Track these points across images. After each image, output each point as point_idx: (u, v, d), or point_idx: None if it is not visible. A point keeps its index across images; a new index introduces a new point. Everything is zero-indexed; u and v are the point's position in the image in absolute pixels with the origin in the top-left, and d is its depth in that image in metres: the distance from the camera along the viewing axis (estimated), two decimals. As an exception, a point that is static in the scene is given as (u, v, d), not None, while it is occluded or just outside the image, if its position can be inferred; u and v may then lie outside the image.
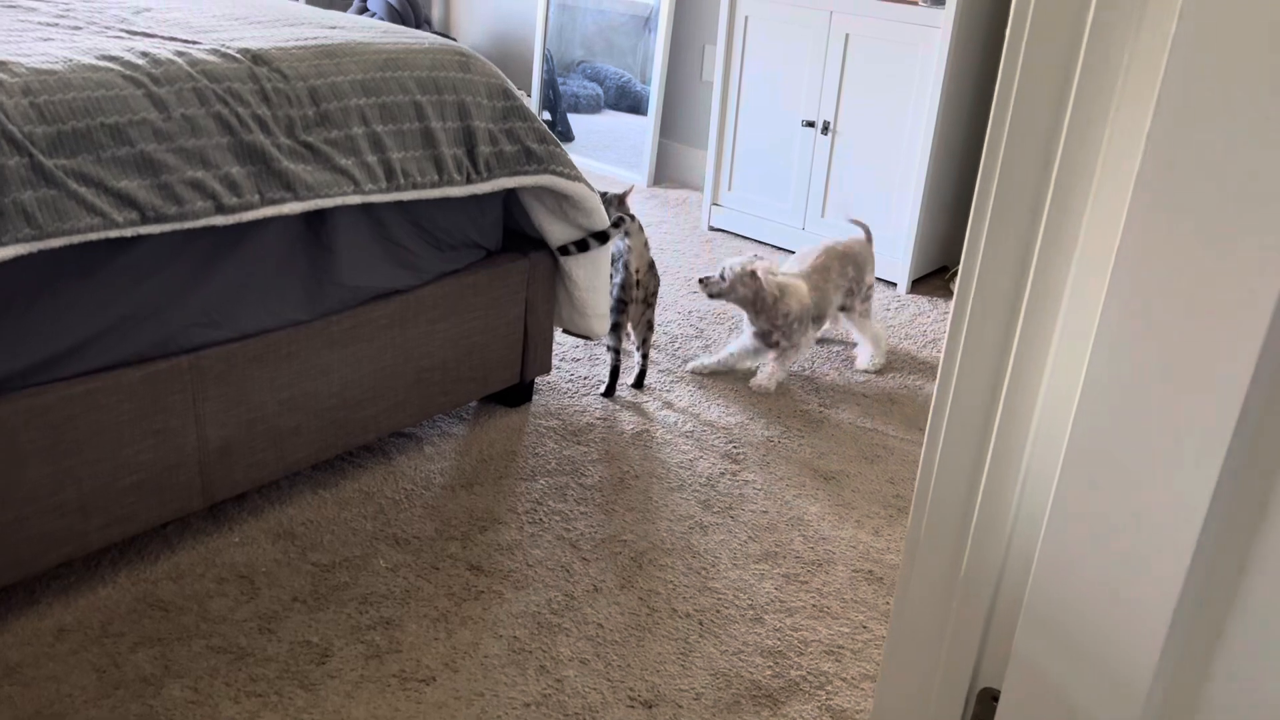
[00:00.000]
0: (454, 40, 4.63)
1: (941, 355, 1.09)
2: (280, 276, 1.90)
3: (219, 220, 1.72)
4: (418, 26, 4.43)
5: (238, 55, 1.82)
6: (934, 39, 3.10)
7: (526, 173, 2.15)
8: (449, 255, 2.17)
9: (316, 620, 1.80)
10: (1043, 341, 0.98)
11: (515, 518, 2.12)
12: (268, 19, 2.18)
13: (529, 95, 4.68)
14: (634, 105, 4.44)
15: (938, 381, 1.05)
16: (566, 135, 4.72)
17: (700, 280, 2.71)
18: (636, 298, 2.56)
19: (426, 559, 1.98)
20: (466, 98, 2.07)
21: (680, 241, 3.76)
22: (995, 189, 1.01)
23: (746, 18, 3.56)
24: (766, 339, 2.72)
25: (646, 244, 2.58)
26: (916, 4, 3.14)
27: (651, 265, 2.60)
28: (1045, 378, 1.00)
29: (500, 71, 2.18)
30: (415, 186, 1.99)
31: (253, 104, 1.77)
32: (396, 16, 4.37)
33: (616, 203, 2.53)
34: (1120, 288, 0.89)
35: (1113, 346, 0.93)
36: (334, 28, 2.12)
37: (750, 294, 2.66)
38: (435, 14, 5.02)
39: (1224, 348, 0.87)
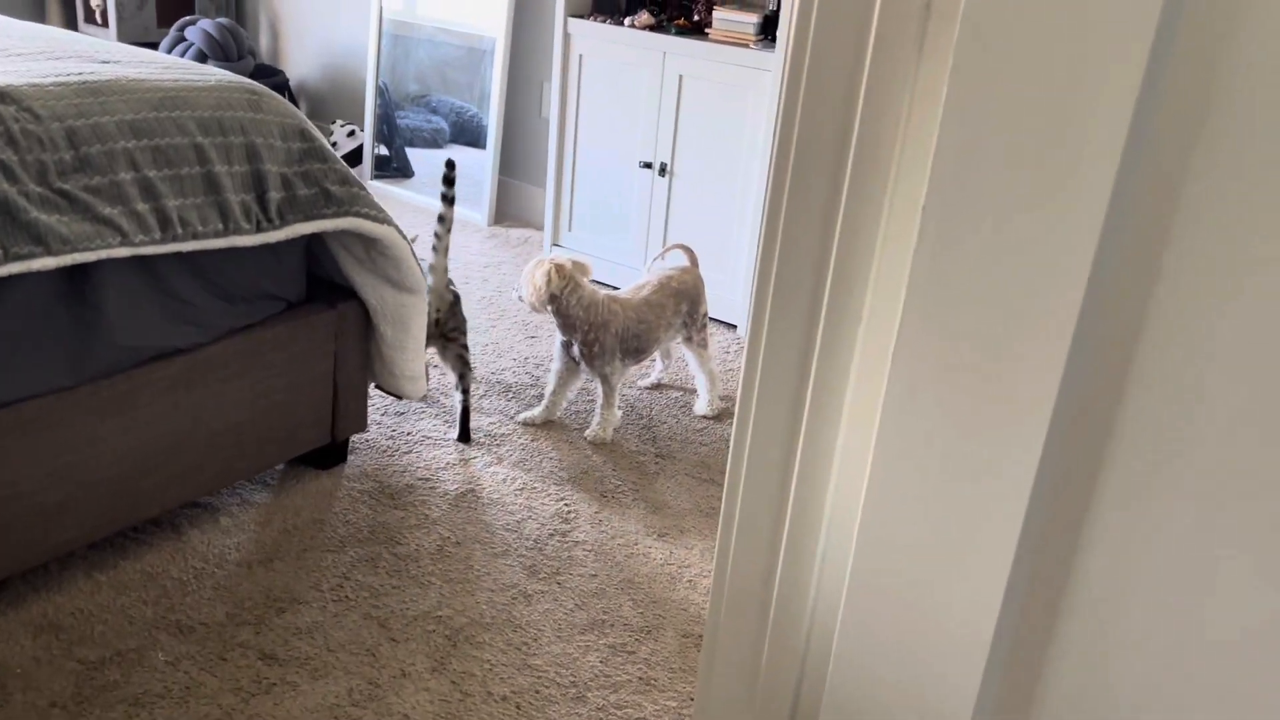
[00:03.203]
0: (280, 71, 4.41)
1: (730, 453, 1.00)
2: (37, 339, 1.69)
3: (-48, 279, 1.51)
4: (240, 59, 4.20)
5: (-21, 92, 1.62)
6: (765, 81, 3.09)
7: (325, 216, 1.99)
8: (241, 309, 1.99)
9: (76, 730, 1.59)
10: (828, 436, 0.90)
11: (318, 595, 1.94)
12: (31, 51, 1.97)
13: (362, 130, 4.49)
14: (476, 139, 4.30)
15: (725, 489, 0.96)
16: (405, 171, 4.55)
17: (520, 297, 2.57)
18: (433, 333, 2.44)
19: (213, 649, 1.78)
20: (256, 139, 1.91)
21: (519, 283, 3.64)
22: (775, 270, 0.93)
23: (581, 56, 3.49)
24: (569, 350, 2.60)
25: (450, 284, 2.46)
26: (748, 46, 3.13)
27: (453, 304, 2.46)
28: (833, 474, 0.92)
29: (297, 110, 2.02)
30: (196, 236, 1.81)
31: (-5, 147, 1.57)
32: (217, 48, 4.13)
33: None
34: (899, 380, 0.82)
35: (895, 433, 0.85)
36: (106, 62, 1.93)
37: (545, 286, 2.48)
38: (263, 44, 4.79)
39: (1011, 431, 0.80)
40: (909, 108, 0.82)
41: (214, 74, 1.99)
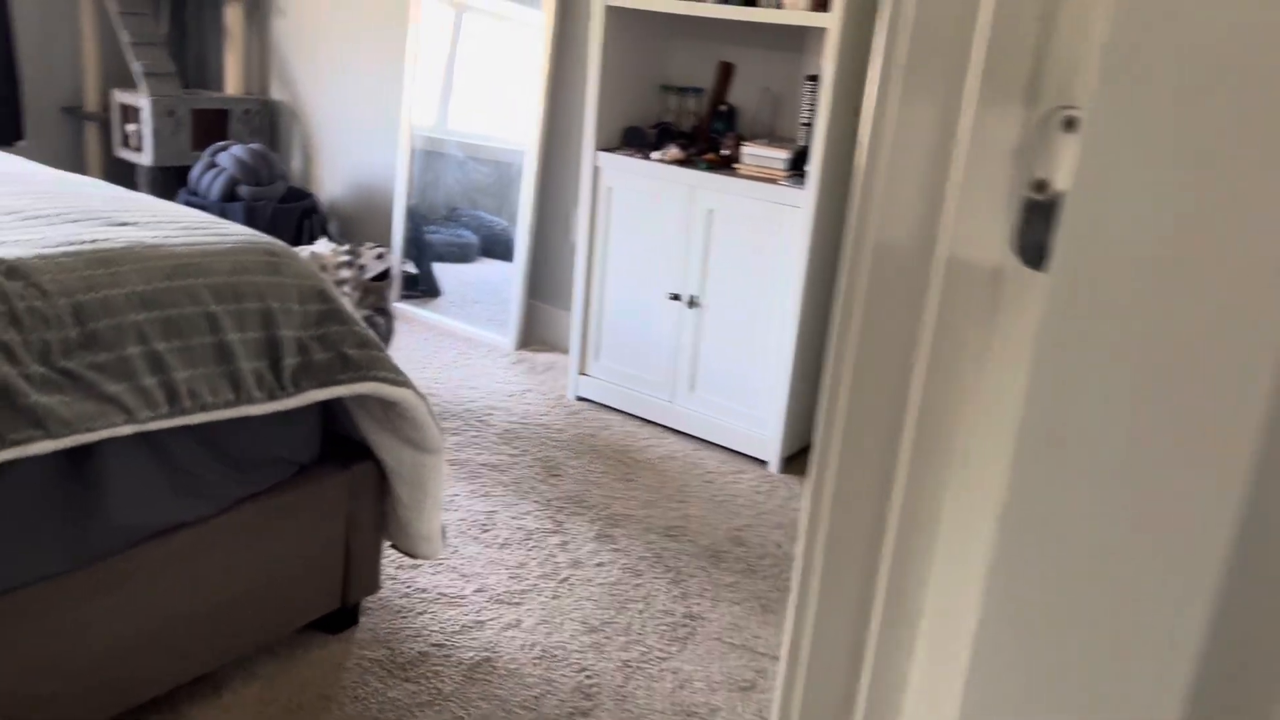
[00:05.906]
0: (310, 195, 4.43)
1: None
2: (29, 523, 1.60)
3: (-58, 468, 1.43)
4: (271, 182, 4.21)
5: (-14, 268, 1.56)
6: (796, 217, 3.03)
7: (341, 382, 1.91)
8: (251, 476, 1.90)
9: None
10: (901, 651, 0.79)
11: (320, 790, 1.81)
12: (52, 212, 1.93)
13: (389, 249, 4.48)
14: (506, 254, 4.28)
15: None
16: (432, 291, 4.52)
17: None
18: None
19: None
20: (273, 304, 1.84)
21: (545, 414, 3.55)
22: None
23: (610, 188, 3.45)
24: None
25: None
26: (778, 182, 3.07)
27: None
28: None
29: (316, 271, 1.97)
30: (205, 408, 1.73)
31: (-3, 327, 1.51)
32: (249, 172, 4.15)
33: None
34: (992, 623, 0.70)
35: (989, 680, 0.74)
36: (124, 224, 1.88)
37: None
38: (295, 167, 4.82)
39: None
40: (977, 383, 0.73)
41: (233, 233, 1.94)
